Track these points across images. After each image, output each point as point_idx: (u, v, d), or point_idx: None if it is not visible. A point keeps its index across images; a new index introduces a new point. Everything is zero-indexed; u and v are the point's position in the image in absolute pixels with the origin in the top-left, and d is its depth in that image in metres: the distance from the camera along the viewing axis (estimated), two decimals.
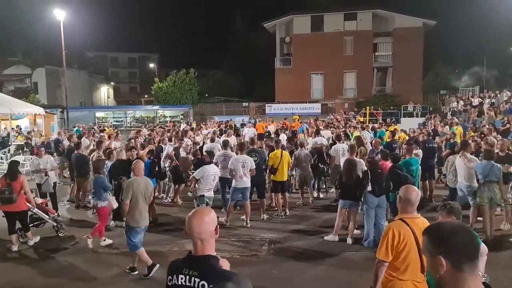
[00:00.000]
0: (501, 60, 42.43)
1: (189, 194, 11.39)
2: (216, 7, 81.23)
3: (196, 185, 8.29)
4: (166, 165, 11.73)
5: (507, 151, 9.12)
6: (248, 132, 18.84)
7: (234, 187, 9.05)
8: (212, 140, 12.79)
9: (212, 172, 8.30)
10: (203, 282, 2.31)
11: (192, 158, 11.45)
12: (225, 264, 2.45)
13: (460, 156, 8.70)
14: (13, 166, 8.07)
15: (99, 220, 8.08)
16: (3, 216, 7.81)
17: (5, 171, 13.01)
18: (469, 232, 1.85)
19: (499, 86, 32.13)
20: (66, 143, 13.88)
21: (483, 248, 3.82)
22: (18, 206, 7.65)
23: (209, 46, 75.89)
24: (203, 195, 8.20)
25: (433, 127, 18.36)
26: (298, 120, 25.49)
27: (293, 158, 10.61)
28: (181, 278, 2.37)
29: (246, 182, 9.03)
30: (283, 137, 14.75)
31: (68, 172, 13.32)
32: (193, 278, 2.34)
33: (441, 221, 2.25)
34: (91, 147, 12.75)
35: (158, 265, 6.32)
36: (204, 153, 9.80)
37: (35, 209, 8.22)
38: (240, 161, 8.96)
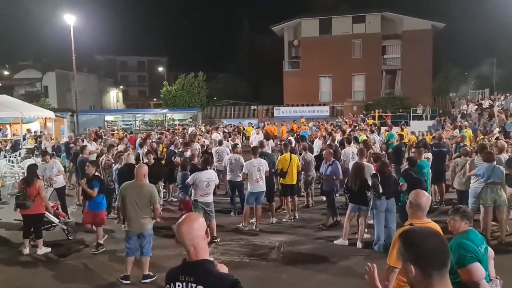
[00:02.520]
0: (511, 62, 42.04)
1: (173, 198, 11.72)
2: (224, 11, 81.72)
3: (193, 190, 8.20)
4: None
5: None
6: (256, 138, 18.73)
7: (250, 192, 8.98)
8: (221, 144, 12.79)
9: (204, 179, 8.01)
10: (199, 286, 2.34)
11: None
12: (222, 268, 2.46)
13: (472, 160, 8.63)
14: (30, 171, 8.04)
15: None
16: (14, 220, 7.86)
17: (16, 174, 13.31)
18: (441, 240, 1.85)
19: (509, 88, 31.81)
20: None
21: (490, 252, 3.79)
22: (34, 209, 7.69)
23: (218, 50, 76.30)
24: (197, 200, 8.07)
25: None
26: (304, 124, 25.49)
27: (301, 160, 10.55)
28: (178, 286, 2.40)
29: (262, 186, 8.97)
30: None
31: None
32: (189, 284, 2.37)
33: (415, 227, 2.25)
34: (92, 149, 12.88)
35: (129, 281, 6.31)
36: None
37: (46, 212, 8.25)
38: (255, 165, 8.91)
